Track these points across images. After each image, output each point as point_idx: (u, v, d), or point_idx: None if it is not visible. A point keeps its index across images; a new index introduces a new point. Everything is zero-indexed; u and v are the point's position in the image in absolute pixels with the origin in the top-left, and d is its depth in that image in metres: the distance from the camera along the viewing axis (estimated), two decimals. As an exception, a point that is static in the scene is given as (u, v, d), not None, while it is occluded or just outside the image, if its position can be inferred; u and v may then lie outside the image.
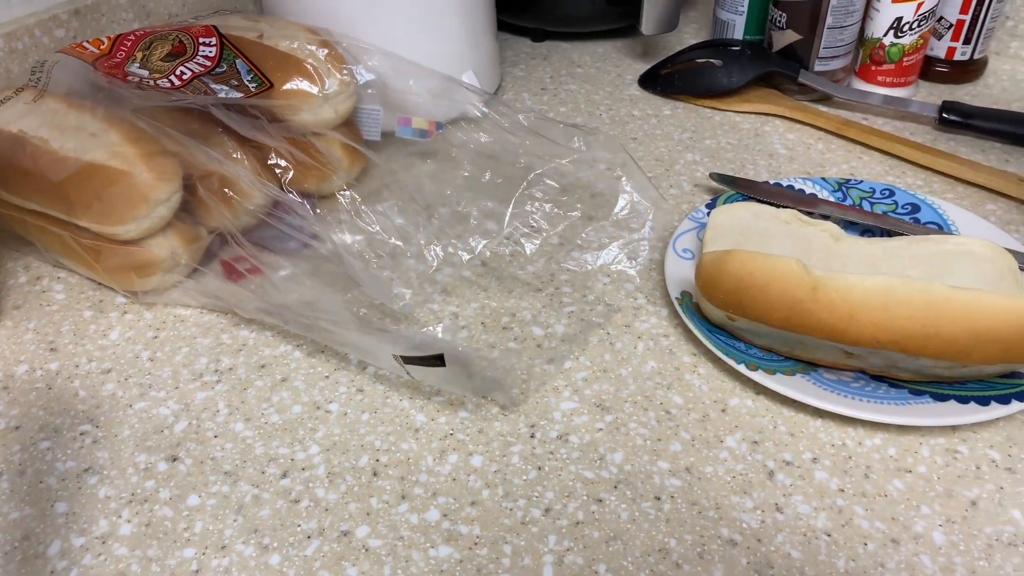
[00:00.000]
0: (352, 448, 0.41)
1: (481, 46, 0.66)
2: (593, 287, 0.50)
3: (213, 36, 0.53)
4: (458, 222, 0.52)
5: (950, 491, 0.38)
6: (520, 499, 0.38)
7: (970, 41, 0.68)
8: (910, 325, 0.37)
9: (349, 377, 0.45)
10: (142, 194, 0.46)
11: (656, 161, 0.62)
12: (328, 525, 0.38)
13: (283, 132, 0.52)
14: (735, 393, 0.43)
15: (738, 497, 0.38)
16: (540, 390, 0.44)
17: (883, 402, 0.40)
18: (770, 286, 0.39)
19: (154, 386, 0.45)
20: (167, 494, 0.39)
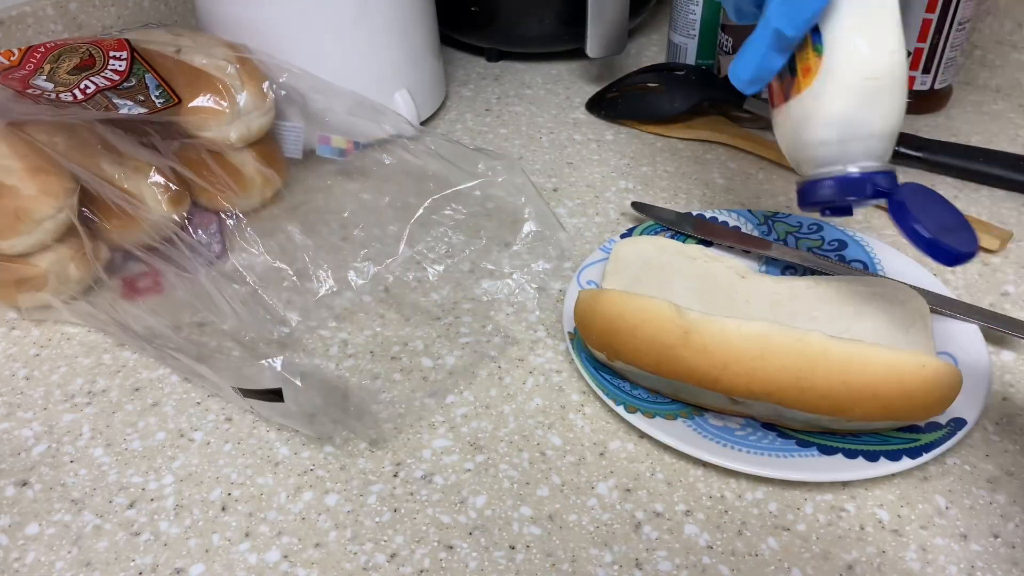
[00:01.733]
0: (207, 480, 0.39)
1: (420, 65, 0.65)
2: (494, 317, 0.48)
3: (125, 50, 0.53)
4: (360, 246, 0.51)
5: (826, 553, 0.35)
6: (367, 543, 0.36)
7: (929, 70, 0.65)
8: (784, 377, 0.35)
9: (220, 405, 0.43)
10: (26, 209, 0.45)
11: (587, 187, 0.60)
12: (163, 561, 0.36)
13: (188, 150, 0.51)
14: (617, 436, 0.41)
15: (597, 550, 0.36)
16: (415, 425, 0.42)
17: (765, 453, 0.38)
18: (639, 328, 0.37)
19: (23, 406, 0.44)
20: (7, 521, 0.38)
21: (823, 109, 0.36)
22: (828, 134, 0.36)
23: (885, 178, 0.37)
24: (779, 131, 0.40)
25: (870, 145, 0.37)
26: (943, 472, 0.38)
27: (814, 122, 0.36)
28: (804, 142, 0.37)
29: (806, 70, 0.36)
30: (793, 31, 0.36)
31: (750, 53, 0.38)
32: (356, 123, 0.55)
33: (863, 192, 0.37)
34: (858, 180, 0.37)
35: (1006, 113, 0.67)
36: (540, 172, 0.62)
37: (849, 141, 0.36)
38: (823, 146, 0.37)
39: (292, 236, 0.51)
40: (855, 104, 0.36)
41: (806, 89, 0.36)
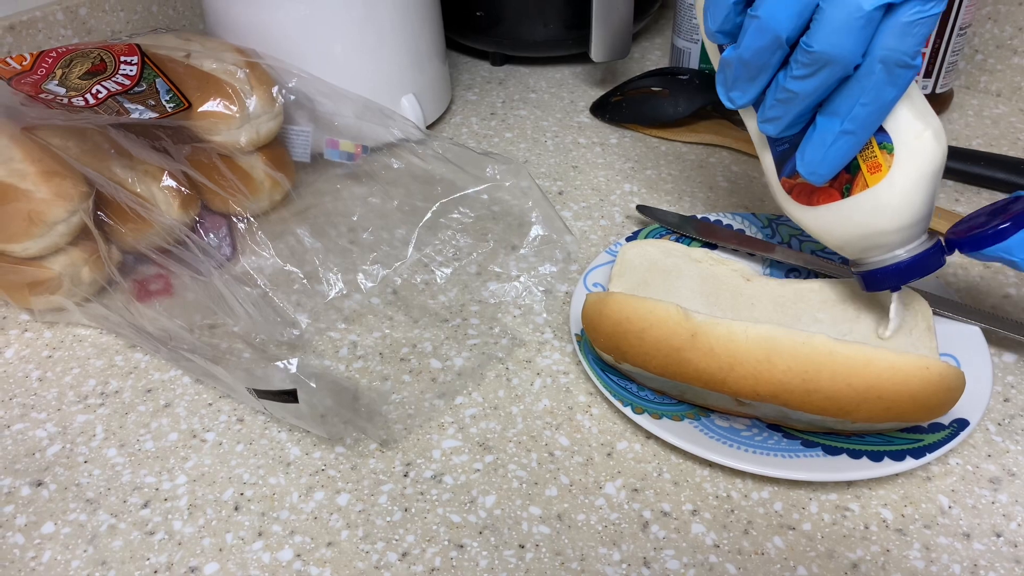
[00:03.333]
0: (219, 480, 0.40)
1: (426, 70, 0.66)
2: (501, 319, 0.49)
3: (135, 55, 0.53)
4: (369, 249, 0.51)
5: (831, 552, 0.36)
6: (379, 542, 0.37)
7: (931, 75, 0.66)
8: (790, 379, 0.35)
9: (232, 406, 0.44)
10: (39, 212, 0.46)
11: (592, 190, 0.60)
12: (178, 560, 0.36)
13: (199, 154, 0.52)
14: (624, 437, 0.41)
15: (606, 549, 0.36)
16: (425, 426, 0.42)
17: (771, 454, 0.38)
18: (647, 332, 0.37)
19: (36, 407, 0.44)
20: (23, 520, 0.38)
21: (899, 201, 0.38)
22: (903, 222, 0.38)
23: (938, 252, 0.39)
24: (831, 224, 0.40)
25: (926, 225, 0.39)
26: (946, 472, 0.39)
27: (890, 214, 0.38)
28: (876, 232, 0.39)
29: (875, 167, 0.38)
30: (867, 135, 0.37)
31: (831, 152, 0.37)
32: (364, 127, 0.56)
33: (926, 272, 0.39)
34: (921, 261, 0.39)
35: (1007, 117, 0.67)
36: (545, 175, 0.62)
37: (916, 225, 0.38)
38: (897, 233, 0.38)
39: (301, 239, 0.51)
40: (929, 191, 0.38)
41: (876, 184, 0.38)
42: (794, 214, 0.42)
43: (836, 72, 0.34)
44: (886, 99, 0.35)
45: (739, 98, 0.39)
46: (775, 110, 0.38)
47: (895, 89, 0.35)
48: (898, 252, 0.39)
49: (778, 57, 0.36)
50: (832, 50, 0.33)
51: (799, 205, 0.42)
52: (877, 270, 0.40)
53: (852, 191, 0.39)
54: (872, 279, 0.41)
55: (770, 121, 0.39)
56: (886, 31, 0.33)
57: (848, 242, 0.40)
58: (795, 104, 0.37)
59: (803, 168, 0.39)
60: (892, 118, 0.37)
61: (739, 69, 0.37)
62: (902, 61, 0.33)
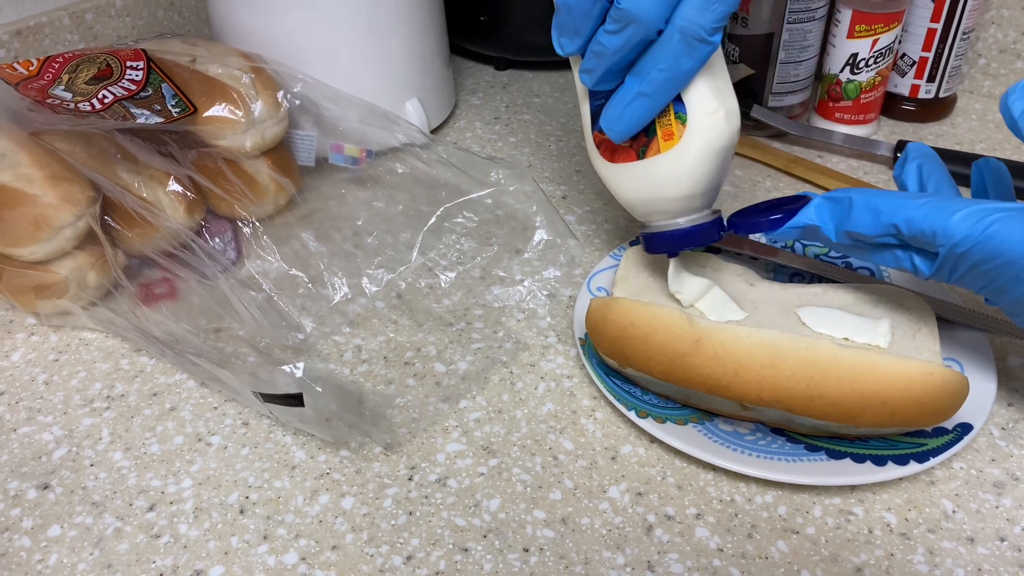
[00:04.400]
0: (225, 483, 0.40)
1: (430, 74, 0.66)
2: (506, 323, 0.49)
3: (141, 60, 0.53)
4: (373, 253, 0.51)
5: (835, 556, 0.36)
6: (384, 545, 0.37)
7: (934, 79, 0.66)
8: (794, 384, 0.35)
9: (237, 410, 0.44)
10: (46, 217, 0.46)
11: (596, 195, 0.61)
12: (183, 563, 0.37)
13: (205, 158, 0.52)
14: (628, 440, 0.42)
15: (610, 552, 0.36)
16: (429, 430, 0.43)
17: (775, 458, 0.39)
18: (651, 337, 0.37)
19: (43, 410, 0.44)
20: (29, 523, 0.39)
21: (685, 171, 0.39)
22: (687, 191, 0.40)
23: (716, 227, 0.41)
24: (624, 183, 0.42)
25: (711, 199, 0.41)
26: (950, 476, 0.39)
27: (674, 182, 0.40)
28: (661, 198, 0.41)
29: (668, 134, 0.39)
30: (662, 100, 0.38)
31: (628, 111, 0.39)
32: (368, 132, 0.56)
33: (701, 243, 0.41)
34: (698, 232, 0.41)
35: (1010, 121, 0.67)
36: (549, 180, 0.63)
37: (699, 196, 0.40)
38: (681, 201, 0.40)
39: (306, 243, 0.52)
40: (715, 167, 0.40)
41: (667, 151, 0.39)
42: (599, 168, 0.44)
43: (639, 33, 0.36)
44: (682, 68, 0.37)
45: (567, 45, 0.40)
46: (591, 62, 0.39)
47: (691, 61, 0.36)
48: (679, 220, 0.41)
49: (599, 9, 0.37)
50: (635, 10, 0.35)
51: (603, 160, 0.43)
52: (657, 233, 0.42)
53: (646, 154, 0.40)
54: (652, 241, 0.42)
55: (586, 72, 0.40)
56: (687, 2, 0.35)
57: (637, 203, 0.42)
58: (605, 59, 0.38)
59: (604, 123, 0.40)
60: (691, 91, 0.38)
61: (565, 15, 0.38)
62: (699, 35, 0.35)
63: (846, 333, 0.43)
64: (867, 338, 0.42)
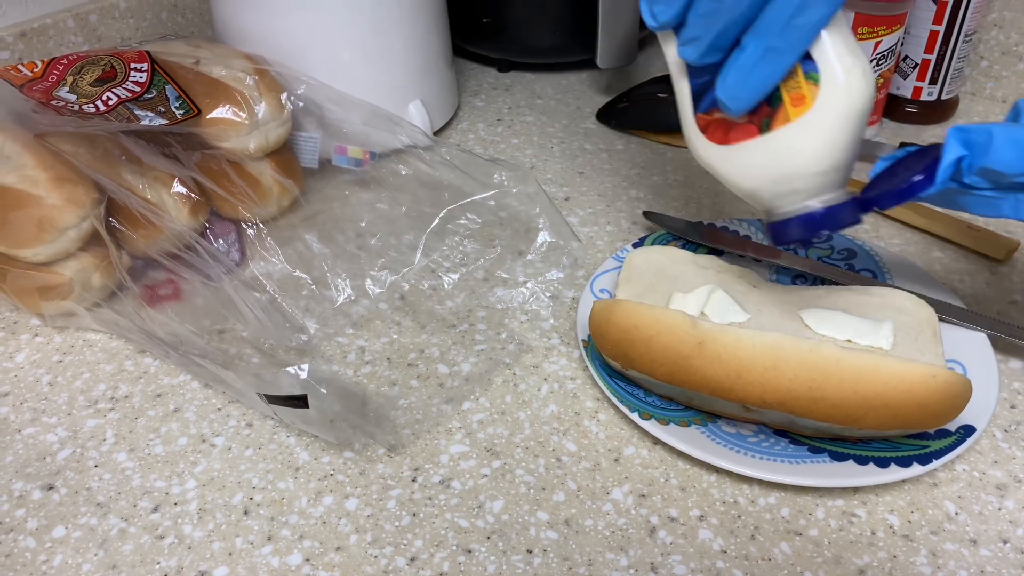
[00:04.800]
0: (229, 485, 0.40)
1: (433, 76, 0.66)
2: (509, 325, 0.49)
3: (145, 61, 0.54)
4: (377, 255, 0.51)
5: (838, 558, 0.36)
6: (387, 546, 0.37)
7: (936, 81, 0.66)
8: (797, 387, 0.35)
9: (241, 411, 0.44)
10: (50, 219, 0.46)
11: (599, 196, 0.61)
12: (188, 564, 0.37)
13: (209, 160, 0.52)
14: (631, 442, 0.42)
15: (613, 554, 0.36)
16: (433, 431, 0.43)
17: (778, 460, 0.39)
18: (654, 339, 0.37)
19: (47, 411, 0.45)
20: (34, 524, 0.39)
21: (822, 140, 0.35)
22: (825, 164, 0.35)
23: (857, 206, 0.37)
24: (744, 166, 0.37)
25: (847, 174, 0.36)
26: (952, 478, 0.39)
27: (810, 154, 0.35)
28: (795, 174, 0.36)
29: (798, 99, 0.35)
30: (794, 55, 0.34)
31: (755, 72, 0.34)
32: (372, 133, 0.56)
33: (840, 226, 0.37)
34: (838, 213, 0.36)
35: (1012, 123, 0.67)
36: (552, 182, 0.63)
37: (838, 170, 0.36)
38: (817, 177, 0.36)
39: (310, 245, 0.52)
40: (854, 134, 0.35)
41: (799, 118, 0.35)
42: (705, 155, 0.39)
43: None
44: (816, 14, 0.33)
45: (662, 12, 0.35)
46: (696, 27, 0.35)
47: (827, 5, 0.33)
48: (811, 202, 0.36)
49: None
50: None
51: (712, 145, 0.38)
52: (788, 220, 0.37)
53: (772, 126, 0.35)
54: (781, 230, 0.37)
55: (691, 42, 0.35)
56: None
57: (762, 186, 0.37)
58: (719, 17, 0.34)
59: (723, 93, 0.35)
60: (821, 48, 0.34)
61: None
62: None
63: (849, 335, 0.43)
64: (870, 340, 0.42)
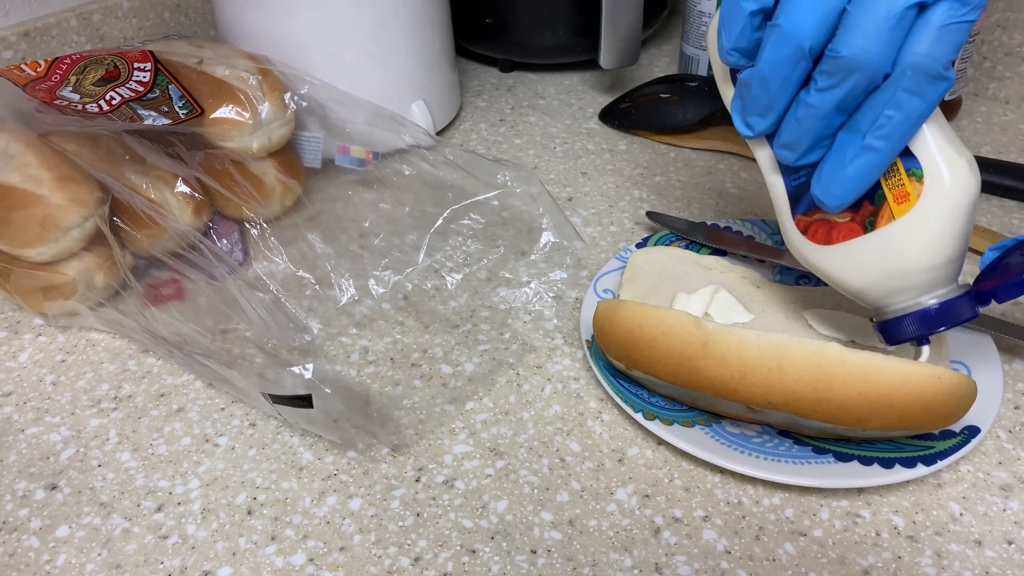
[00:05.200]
0: (232, 484, 0.40)
1: (436, 76, 0.66)
2: (512, 325, 0.49)
3: (149, 61, 0.54)
4: (380, 255, 0.51)
5: (843, 558, 0.36)
6: (391, 546, 0.37)
7: (939, 82, 0.66)
8: (801, 388, 0.35)
9: (244, 411, 0.44)
10: (54, 218, 0.46)
11: (602, 196, 0.61)
12: (191, 563, 0.37)
13: (212, 160, 0.52)
14: (635, 442, 0.42)
15: (617, 554, 0.36)
16: (436, 431, 0.43)
17: (782, 460, 0.39)
18: (658, 340, 0.37)
19: (51, 411, 0.45)
20: (38, 524, 0.39)
21: (930, 236, 0.34)
22: (934, 260, 0.35)
23: (972, 301, 0.36)
24: (850, 266, 0.37)
25: (959, 267, 0.36)
26: (957, 479, 0.39)
27: (919, 251, 0.35)
28: (903, 271, 0.35)
29: (902, 196, 0.35)
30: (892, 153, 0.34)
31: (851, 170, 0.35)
32: (375, 133, 0.56)
33: (958, 321, 0.36)
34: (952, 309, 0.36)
35: (1016, 124, 0.67)
36: (554, 182, 0.63)
37: (942, 267, 0.35)
38: (927, 273, 0.35)
39: (313, 244, 0.52)
40: (963, 227, 0.35)
41: (904, 215, 0.35)
42: (809, 256, 0.39)
43: (863, 81, 0.33)
44: (915, 112, 0.33)
45: (758, 123, 0.36)
46: (792, 132, 0.35)
47: (924, 102, 0.33)
48: (923, 298, 0.36)
49: (800, 71, 0.34)
50: (860, 54, 0.32)
51: (815, 246, 0.38)
52: (901, 318, 0.36)
53: (876, 224, 0.36)
54: (895, 328, 0.37)
55: (787, 146, 0.36)
56: (917, 35, 0.32)
57: (870, 284, 0.37)
58: (816, 121, 0.34)
59: (819, 190, 0.36)
60: (922, 143, 0.34)
61: (758, 89, 0.35)
62: (933, 70, 0.32)
63: (852, 335, 0.43)
64: (874, 340, 0.42)
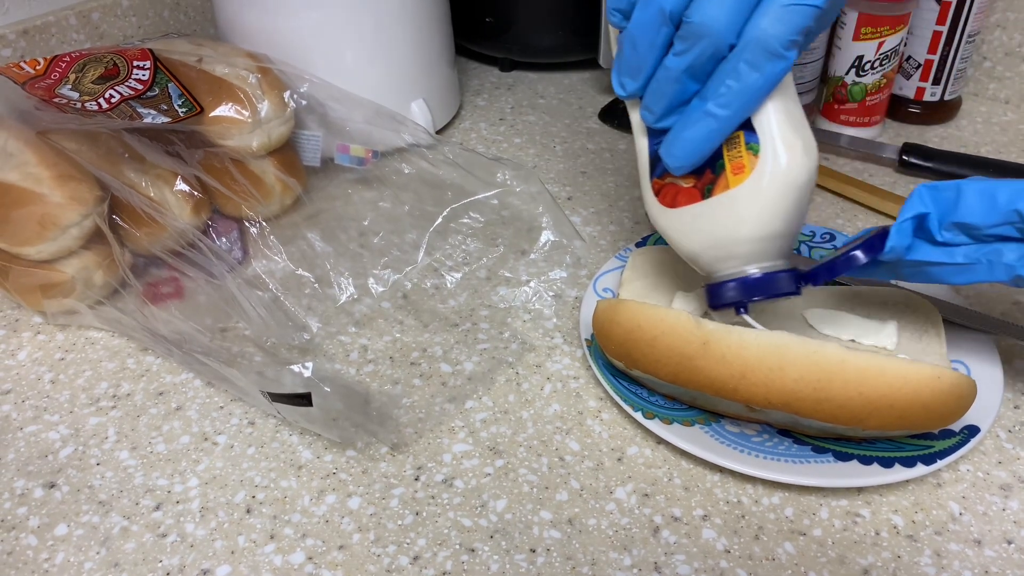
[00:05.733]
0: (231, 483, 0.40)
1: (436, 75, 0.66)
2: (511, 324, 0.49)
3: (148, 59, 0.54)
4: (379, 253, 0.51)
5: (842, 558, 0.36)
6: (390, 545, 0.37)
7: (939, 82, 0.66)
8: (801, 388, 0.35)
9: (243, 409, 0.44)
10: (53, 216, 0.46)
11: (602, 196, 0.61)
12: (190, 562, 0.37)
13: (211, 158, 0.52)
14: (635, 441, 0.42)
15: (616, 553, 0.36)
16: (435, 430, 0.43)
17: (782, 459, 0.38)
18: (658, 339, 0.37)
19: (49, 409, 0.44)
20: (36, 522, 0.39)
21: (757, 208, 0.36)
22: (759, 232, 0.36)
23: (794, 277, 0.37)
24: (686, 229, 0.39)
25: (785, 244, 0.37)
26: (956, 479, 0.39)
27: (746, 221, 0.36)
28: (729, 239, 0.37)
29: (738, 167, 0.36)
30: (730, 122, 0.36)
31: (691, 133, 0.37)
32: (374, 132, 0.56)
33: (776, 292, 0.37)
34: (772, 280, 0.37)
35: (1016, 124, 0.67)
36: (554, 181, 0.63)
37: (770, 240, 0.37)
38: (752, 243, 0.37)
39: (312, 243, 0.52)
40: (790, 206, 0.36)
41: (737, 186, 0.36)
42: (656, 218, 0.40)
43: (709, 48, 0.34)
44: (753, 85, 0.34)
45: (629, 84, 0.38)
46: (653, 95, 0.37)
47: (762, 77, 0.34)
48: (749, 268, 0.37)
49: (664, 35, 0.35)
50: (709, 21, 0.33)
51: (661, 208, 0.39)
52: (723, 282, 0.38)
53: (713, 192, 0.37)
54: (717, 291, 0.38)
55: (648, 108, 0.38)
56: (762, 11, 0.33)
57: (702, 250, 0.38)
58: (671, 84, 0.36)
59: (664, 151, 0.38)
60: (764, 119, 0.36)
61: (628, 50, 0.37)
62: (772, 47, 0.33)
63: (853, 335, 0.43)
64: (873, 340, 0.42)
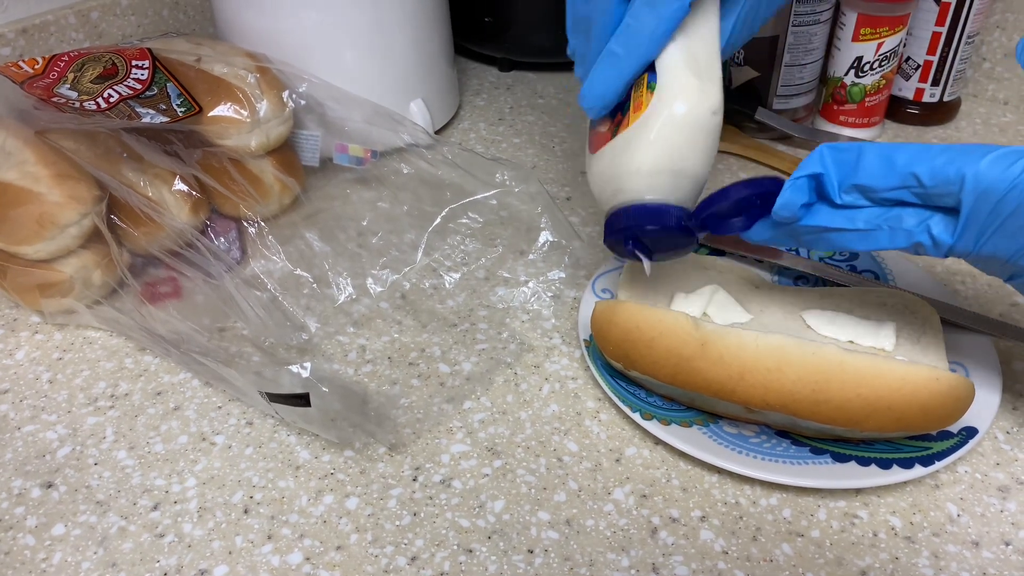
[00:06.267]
0: (229, 483, 0.40)
1: (435, 75, 0.66)
2: (510, 324, 0.49)
3: (147, 59, 0.53)
4: (378, 253, 0.51)
5: (840, 559, 0.36)
6: (388, 545, 0.37)
7: (939, 83, 0.66)
8: (800, 389, 0.35)
9: (241, 409, 0.44)
10: (51, 215, 0.46)
11: (600, 196, 0.60)
12: (187, 562, 0.37)
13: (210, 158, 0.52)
14: (633, 442, 0.41)
15: (614, 554, 0.36)
16: (433, 430, 0.42)
17: (780, 461, 0.38)
18: (656, 341, 0.37)
19: (47, 409, 0.44)
20: (34, 522, 0.38)
21: (646, 142, 0.36)
22: (647, 165, 0.36)
23: (682, 215, 0.37)
24: (597, 169, 0.39)
25: (680, 183, 0.37)
26: (955, 480, 0.39)
27: (635, 154, 0.36)
28: (622, 171, 0.37)
29: (638, 106, 0.37)
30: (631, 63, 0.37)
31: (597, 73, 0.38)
32: (373, 132, 0.56)
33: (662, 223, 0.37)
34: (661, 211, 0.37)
35: (1015, 125, 0.67)
36: (554, 181, 0.63)
37: (661, 174, 0.36)
38: (640, 177, 0.37)
39: (311, 243, 0.52)
40: (681, 143, 0.36)
41: (634, 123, 0.37)
42: (588, 166, 0.40)
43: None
44: (648, 25, 0.36)
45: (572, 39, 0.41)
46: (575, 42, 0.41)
47: (657, 19, 0.36)
48: (644, 197, 0.37)
49: None
50: None
51: (587, 155, 0.40)
52: (616, 211, 0.38)
53: (618, 131, 0.38)
54: (611, 220, 0.38)
55: (573, 56, 0.41)
56: None
57: (599, 188, 0.39)
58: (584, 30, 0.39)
59: (579, 98, 0.39)
60: (665, 61, 0.37)
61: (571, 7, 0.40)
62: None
63: (851, 336, 0.43)
64: (872, 341, 0.42)
